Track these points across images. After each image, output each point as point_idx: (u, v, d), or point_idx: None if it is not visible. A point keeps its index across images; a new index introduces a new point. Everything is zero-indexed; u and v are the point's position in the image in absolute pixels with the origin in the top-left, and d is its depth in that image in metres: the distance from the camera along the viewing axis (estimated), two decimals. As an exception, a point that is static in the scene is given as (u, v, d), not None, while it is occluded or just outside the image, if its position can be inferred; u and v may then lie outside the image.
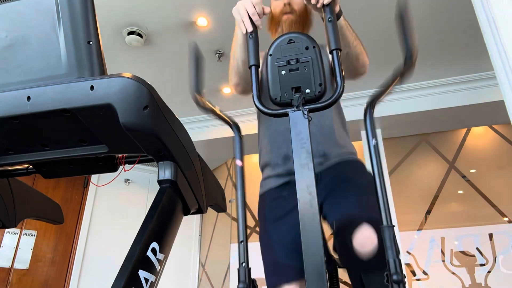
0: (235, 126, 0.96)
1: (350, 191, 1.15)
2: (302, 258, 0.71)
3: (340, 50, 0.85)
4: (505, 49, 1.50)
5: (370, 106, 0.86)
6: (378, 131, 4.07)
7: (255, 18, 1.06)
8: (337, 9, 1.08)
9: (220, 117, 1.01)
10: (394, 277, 0.68)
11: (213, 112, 1.04)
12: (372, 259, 0.93)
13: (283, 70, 0.85)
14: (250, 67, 0.91)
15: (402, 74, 0.92)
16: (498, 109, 3.48)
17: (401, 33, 0.97)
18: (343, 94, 0.83)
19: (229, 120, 0.99)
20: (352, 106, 3.18)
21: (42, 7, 0.75)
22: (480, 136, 4.13)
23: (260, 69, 0.95)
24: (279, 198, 1.29)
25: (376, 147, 0.79)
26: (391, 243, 0.71)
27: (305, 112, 0.81)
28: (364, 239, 0.96)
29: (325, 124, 1.32)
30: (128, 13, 3.01)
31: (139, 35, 3.19)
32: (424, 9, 2.91)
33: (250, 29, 1.03)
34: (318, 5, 0.99)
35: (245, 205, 0.85)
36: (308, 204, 0.75)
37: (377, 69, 1.53)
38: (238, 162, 0.89)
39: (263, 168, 1.42)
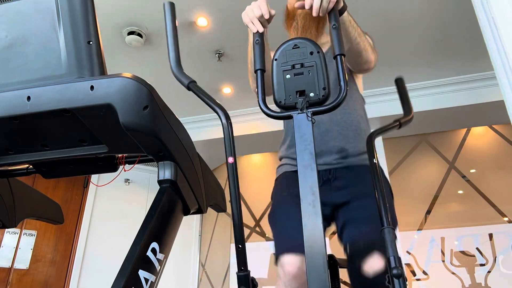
0: (222, 112, 0.86)
1: (367, 214, 1.20)
2: None
3: (344, 56, 0.88)
4: (505, 49, 1.50)
5: (372, 137, 1.07)
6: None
7: (263, 20, 1.11)
8: (340, 4, 1.11)
9: (204, 99, 0.90)
10: (394, 271, 0.69)
11: (196, 90, 0.93)
12: (377, 278, 1.04)
13: (288, 74, 0.88)
14: (256, 71, 0.94)
15: (401, 123, 1.20)
16: (498, 109, 3.47)
17: (400, 95, 1.27)
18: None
19: (214, 104, 0.88)
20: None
21: (42, 7, 0.75)
22: (480, 136, 4.13)
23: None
24: (292, 181, 1.35)
25: (378, 164, 0.94)
26: (391, 242, 0.73)
27: (309, 115, 0.84)
28: (372, 263, 1.07)
29: (349, 117, 1.37)
30: (128, 13, 3.01)
31: (139, 35, 3.19)
32: (424, 9, 2.91)
33: (261, 29, 1.08)
34: (321, 14, 1.03)
35: (241, 208, 0.84)
36: (311, 204, 0.76)
37: (378, 68, 1.54)
38: (230, 159, 0.81)
39: (281, 158, 1.49)
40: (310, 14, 1.41)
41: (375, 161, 0.92)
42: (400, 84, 1.34)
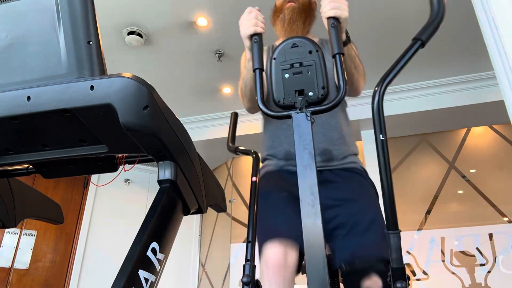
0: (254, 155, 1.28)
1: (362, 228, 1.16)
2: (289, 224, 0.75)
3: (343, 54, 0.87)
4: (505, 49, 1.50)
5: (382, 85, 0.76)
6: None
7: (259, 22, 1.13)
8: (344, 36, 1.16)
9: (244, 153, 1.36)
10: (398, 285, 0.67)
11: (242, 151, 1.37)
12: None
13: (286, 73, 0.87)
14: (254, 70, 0.93)
15: (426, 36, 0.80)
16: (498, 109, 3.47)
17: None
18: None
19: (252, 153, 1.31)
20: (352, 106, 3.18)
21: (42, 7, 0.75)
22: (480, 136, 4.13)
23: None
24: (275, 178, 1.35)
25: (385, 141, 0.72)
26: (396, 250, 0.71)
27: (308, 114, 0.83)
28: (371, 284, 1.06)
29: (331, 121, 1.36)
30: (128, 13, 3.01)
31: (139, 35, 3.19)
32: (424, 10, 2.91)
33: (259, 30, 1.09)
34: (324, 16, 1.04)
35: (256, 213, 0.91)
36: (310, 204, 0.76)
37: (378, 68, 1.54)
38: (253, 179, 1.11)
39: (263, 160, 1.47)
40: (297, 9, 1.44)
41: (382, 137, 0.70)
42: None
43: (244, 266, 0.85)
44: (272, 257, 1.08)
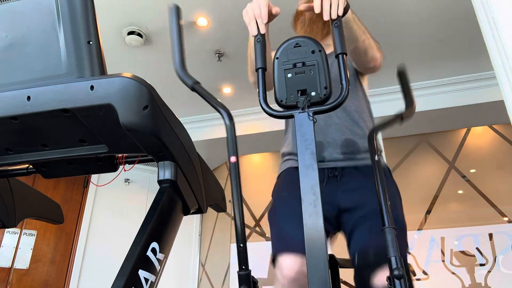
0: (226, 113, 0.86)
1: (377, 223, 1.16)
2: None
3: (346, 55, 0.87)
4: (505, 49, 1.50)
5: (374, 133, 1.04)
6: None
7: (260, 21, 1.06)
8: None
9: (208, 100, 0.89)
10: (395, 272, 0.68)
11: (200, 91, 0.91)
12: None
13: (289, 73, 0.87)
14: (257, 70, 0.93)
15: (402, 117, 1.12)
16: (498, 109, 3.47)
17: (402, 88, 1.20)
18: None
19: (218, 105, 0.88)
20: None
21: (42, 7, 0.75)
22: (480, 136, 4.13)
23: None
24: (297, 177, 1.31)
25: (379, 161, 0.92)
26: (393, 242, 0.72)
27: (311, 114, 0.83)
28: (382, 278, 1.03)
29: (345, 114, 1.32)
30: (128, 13, 3.01)
31: (139, 35, 3.19)
32: (425, 9, 2.91)
33: (254, 33, 1.04)
34: (325, 18, 0.98)
35: (242, 207, 0.83)
36: (312, 204, 0.76)
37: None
38: (232, 159, 0.83)
39: (284, 154, 1.44)
40: (317, 16, 1.37)
41: (377, 158, 0.90)
42: (401, 76, 1.25)
43: (239, 274, 0.79)
44: (287, 272, 1.08)
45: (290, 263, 1.09)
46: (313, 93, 0.85)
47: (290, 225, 1.17)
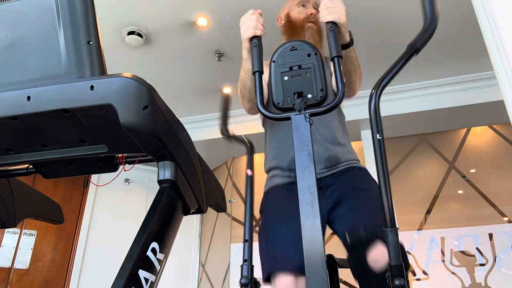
0: (249, 145, 1.18)
1: (362, 202, 1.18)
2: (300, 253, 0.73)
3: (341, 57, 0.89)
4: (505, 49, 1.50)
5: (378, 87, 0.82)
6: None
7: (259, 27, 1.14)
8: (346, 39, 1.18)
9: (238, 140, 1.22)
10: (396, 282, 0.68)
11: (237, 138, 1.24)
12: (385, 273, 0.96)
13: (285, 76, 0.89)
14: (254, 73, 0.95)
15: (420, 44, 0.84)
16: (498, 109, 3.47)
17: None
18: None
19: (246, 141, 1.20)
20: (352, 106, 3.18)
21: (42, 7, 0.75)
22: (480, 136, 4.13)
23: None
24: (284, 195, 1.33)
25: (382, 141, 0.77)
26: (394, 247, 0.72)
27: (307, 116, 0.84)
28: (378, 256, 1.02)
29: (327, 131, 1.37)
30: (128, 13, 3.01)
31: (139, 35, 3.18)
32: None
33: (259, 32, 1.11)
34: (322, 20, 1.06)
35: (252, 209, 0.89)
36: (309, 205, 0.77)
37: (378, 69, 1.54)
38: (248, 172, 0.99)
39: (269, 170, 1.45)
40: (316, 30, 1.48)
41: (379, 136, 0.76)
42: None
43: (242, 266, 0.84)
44: (285, 286, 1.09)
45: (286, 282, 1.09)
46: (309, 95, 0.86)
47: (283, 245, 1.18)
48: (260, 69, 0.95)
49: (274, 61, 0.91)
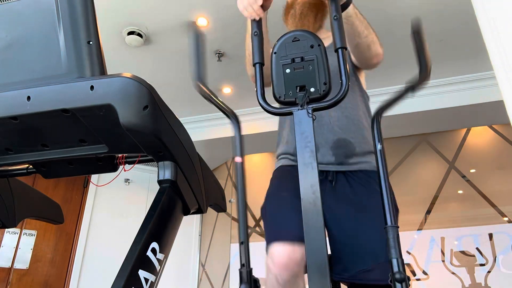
0: (234, 119, 0.90)
1: (370, 232, 1.17)
2: (300, 226, 0.74)
3: (346, 49, 0.84)
4: (505, 49, 1.50)
5: (378, 113, 0.89)
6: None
7: (258, 6, 1.06)
8: None
9: (220, 108, 0.95)
10: (397, 276, 0.68)
11: (213, 101, 0.99)
12: None
13: (287, 68, 0.84)
14: (254, 65, 0.90)
15: (416, 85, 0.96)
16: (498, 109, 3.47)
17: (417, 49, 1.04)
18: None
19: (228, 112, 0.93)
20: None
21: (42, 7, 0.75)
22: (480, 136, 4.12)
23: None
24: (289, 173, 1.30)
25: (382, 151, 0.82)
26: (395, 243, 0.71)
27: (310, 111, 0.80)
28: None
29: (339, 113, 1.28)
30: (128, 13, 3.01)
31: (139, 35, 3.19)
32: (424, 9, 2.91)
33: (257, 16, 1.02)
34: None
35: (246, 204, 0.84)
36: (312, 203, 0.75)
37: (377, 68, 1.54)
38: (238, 159, 0.85)
39: (279, 155, 1.42)
40: (308, 2, 1.38)
41: (380, 147, 0.81)
42: (416, 34, 1.11)
43: (240, 271, 0.79)
44: (278, 259, 1.08)
45: (280, 250, 1.08)
46: (312, 89, 0.82)
47: (279, 216, 1.17)
48: (261, 61, 0.90)
49: (275, 53, 0.86)
